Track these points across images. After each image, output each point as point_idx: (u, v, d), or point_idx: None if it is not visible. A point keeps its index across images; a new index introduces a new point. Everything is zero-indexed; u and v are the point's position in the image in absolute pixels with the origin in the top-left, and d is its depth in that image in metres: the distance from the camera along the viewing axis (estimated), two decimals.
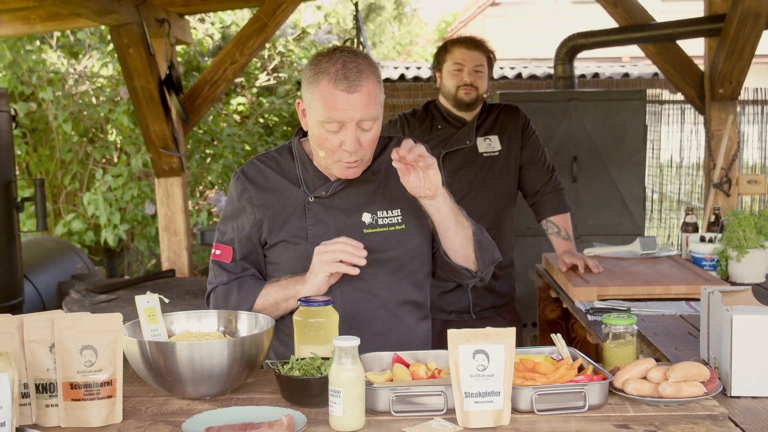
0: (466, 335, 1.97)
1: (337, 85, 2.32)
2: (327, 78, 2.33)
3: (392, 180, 2.54)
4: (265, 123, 9.42)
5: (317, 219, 2.49)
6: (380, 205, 2.54)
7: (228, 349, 2.11)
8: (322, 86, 2.34)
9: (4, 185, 4.35)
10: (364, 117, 2.35)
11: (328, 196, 2.50)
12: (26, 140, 8.63)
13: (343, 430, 1.94)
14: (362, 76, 2.34)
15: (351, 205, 2.52)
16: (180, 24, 6.49)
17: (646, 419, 1.96)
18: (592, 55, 11.90)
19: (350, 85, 2.32)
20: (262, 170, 2.55)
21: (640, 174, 6.35)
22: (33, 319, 2.05)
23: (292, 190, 2.52)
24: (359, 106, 2.33)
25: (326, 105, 2.33)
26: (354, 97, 2.32)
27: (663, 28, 6.03)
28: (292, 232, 2.50)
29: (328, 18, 11.06)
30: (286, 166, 2.56)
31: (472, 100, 3.97)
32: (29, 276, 5.11)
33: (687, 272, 3.84)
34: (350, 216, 2.51)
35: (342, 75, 2.32)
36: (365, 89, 2.34)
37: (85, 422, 2.02)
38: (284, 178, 2.53)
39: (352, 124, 2.34)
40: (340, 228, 2.48)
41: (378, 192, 2.55)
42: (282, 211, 2.51)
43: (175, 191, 6.18)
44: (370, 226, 2.52)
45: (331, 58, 2.37)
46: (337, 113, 2.33)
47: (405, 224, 2.55)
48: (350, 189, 2.52)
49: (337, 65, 2.34)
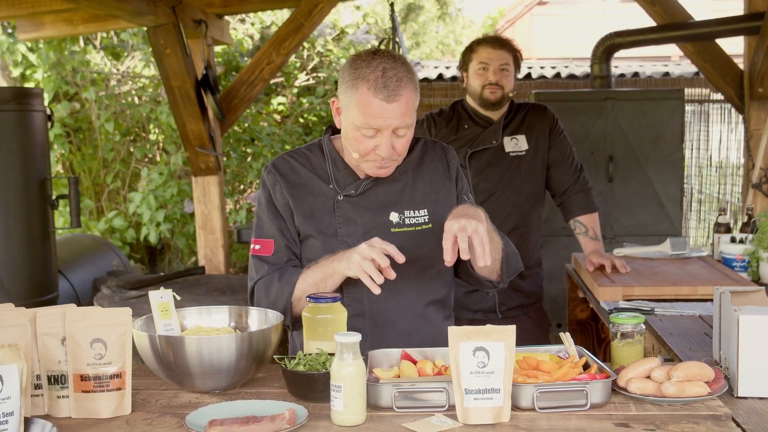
0: (466, 332, 1.99)
1: (376, 93, 2.33)
2: (366, 85, 2.34)
3: (419, 181, 2.57)
4: (304, 123, 9.49)
5: (346, 217, 2.53)
6: (408, 205, 2.56)
7: (236, 344, 2.15)
8: (361, 92, 2.35)
9: (39, 183, 4.45)
10: (400, 125, 2.37)
11: (357, 194, 2.53)
12: (70, 139, 8.80)
13: (344, 424, 1.96)
14: (401, 85, 2.35)
15: (379, 203, 2.54)
16: (218, 25, 6.56)
17: (647, 418, 1.96)
18: (640, 54, 11.80)
19: (389, 94, 2.33)
20: (292, 165, 2.58)
21: (677, 174, 6.28)
22: (46, 312, 2.11)
23: (322, 187, 2.54)
24: (397, 114, 2.35)
25: (364, 112, 2.35)
26: (392, 107, 2.34)
27: (701, 27, 5.95)
28: (322, 229, 2.53)
29: (367, 18, 11.10)
30: (317, 162, 2.58)
31: (498, 99, 3.96)
32: (65, 272, 5.22)
33: (716, 273, 3.79)
34: (378, 215, 2.54)
35: (382, 84, 2.33)
36: (403, 98, 2.35)
37: (94, 413, 2.07)
38: (314, 175, 2.56)
39: (388, 131, 2.37)
40: (369, 227, 2.52)
41: (405, 191, 2.57)
42: (312, 207, 2.54)
43: (212, 189, 6.26)
44: (398, 225, 2.54)
45: (371, 63, 2.37)
46: (375, 120, 2.35)
47: (432, 224, 2.56)
48: (379, 188, 2.55)
49: (377, 72, 2.34)
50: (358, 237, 2.50)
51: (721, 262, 4.03)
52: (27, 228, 4.36)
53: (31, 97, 4.42)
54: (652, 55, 13.10)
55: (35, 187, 4.41)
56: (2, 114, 4.25)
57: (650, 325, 3.00)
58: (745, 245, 3.92)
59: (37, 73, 8.48)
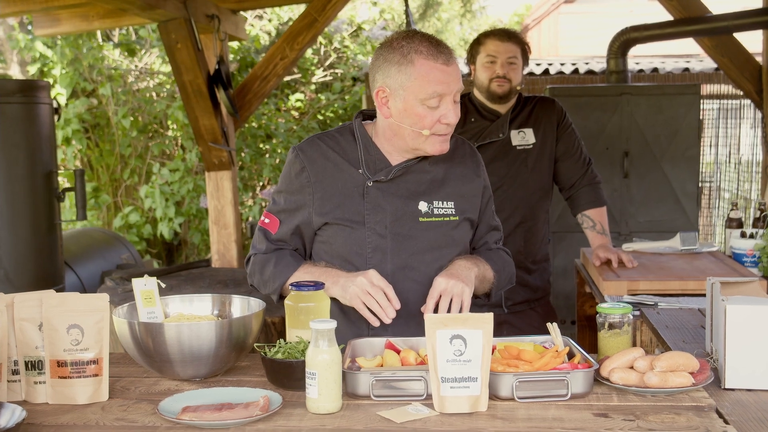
0: (443, 320, 1.95)
1: (436, 60, 2.39)
2: (422, 56, 2.39)
3: (450, 174, 2.59)
4: (322, 119, 9.48)
5: (375, 204, 2.50)
6: (437, 195, 2.56)
7: (215, 331, 2.13)
8: (419, 64, 2.38)
9: (45, 175, 4.46)
10: (460, 88, 2.43)
11: (387, 180, 2.51)
12: (88, 135, 8.85)
13: (319, 412, 1.93)
14: (449, 50, 2.44)
15: (409, 192, 2.53)
16: (232, 20, 6.55)
17: (627, 409, 1.91)
18: (663, 52, 11.67)
19: (447, 58, 2.41)
20: (322, 149, 2.55)
21: (693, 170, 6.20)
22: (23, 298, 2.10)
23: (351, 171, 2.52)
24: (457, 77, 2.42)
25: (428, 80, 2.38)
26: (452, 69, 2.41)
27: (719, 21, 5.86)
28: (348, 216, 2.50)
29: (383, 14, 11.07)
30: (347, 146, 2.56)
31: (505, 93, 3.92)
32: (73, 265, 5.23)
33: (725, 268, 3.73)
34: (407, 203, 2.52)
35: (436, 51, 2.40)
36: (455, 62, 2.44)
37: (71, 399, 2.06)
38: (344, 159, 2.53)
39: (450, 96, 2.41)
40: (398, 214, 2.50)
41: (435, 183, 2.57)
42: (340, 192, 2.51)
43: (225, 185, 6.24)
44: (426, 215, 2.53)
45: (413, 39, 2.43)
46: (439, 86, 2.38)
47: (458, 216, 2.57)
48: (409, 176, 2.54)
49: (425, 43, 2.41)
50: (386, 224, 2.49)
51: (732, 258, 3.97)
52: (33, 220, 4.37)
53: (37, 89, 4.43)
54: (675, 53, 12.95)
55: (41, 179, 4.42)
56: (8, 106, 4.26)
57: (647, 317, 2.95)
58: (756, 240, 3.85)
59: (55, 69, 8.53)
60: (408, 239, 2.51)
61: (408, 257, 2.51)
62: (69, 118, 8.36)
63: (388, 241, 2.50)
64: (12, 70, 9.26)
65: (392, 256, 2.50)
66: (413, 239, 2.52)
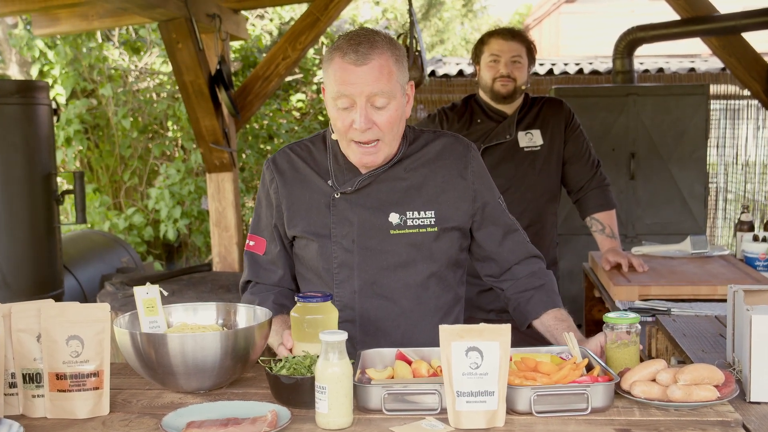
0: (458, 331, 1.87)
1: (345, 58, 2.23)
2: (339, 53, 2.25)
3: (431, 179, 2.41)
4: (324, 120, 9.41)
5: (341, 216, 2.39)
6: (412, 205, 2.39)
7: (220, 342, 2.05)
8: (334, 62, 2.26)
9: (44, 177, 4.38)
10: (374, 91, 2.23)
11: (354, 191, 2.38)
12: (88, 136, 8.76)
13: (329, 427, 1.86)
14: (374, 49, 2.24)
15: (379, 202, 2.39)
16: (234, 20, 6.47)
17: (650, 424, 1.84)
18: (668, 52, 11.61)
19: (359, 57, 2.22)
20: (292, 160, 2.46)
21: (701, 171, 6.13)
22: (21, 308, 2.02)
23: (320, 183, 2.41)
24: (369, 80, 2.22)
25: (336, 79, 2.25)
26: (363, 70, 2.22)
27: (726, 20, 5.79)
28: (314, 229, 2.40)
29: (386, 13, 10.99)
30: (318, 156, 2.45)
31: (509, 92, 3.85)
32: (72, 269, 5.15)
33: (737, 272, 3.67)
34: (376, 215, 2.38)
35: (352, 49, 2.23)
36: (376, 63, 2.23)
37: (71, 413, 1.98)
38: (313, 171, 2.43)
39: (361, 99, 2.23)
40: (365, 227, 2.37)
41: (411, 190, 2.40)
42: (306, 204, 2.41)
43: (226, 186, 6.17)
44: (398, 227, 2.38)
45: (348, 35, 2.30)
46: (346, 87, 2.23)
47: (437, 227, 2.40)
48: (379, 185, 2.39)
49: (348, 41, 2.26)
50: (354, 238, 2.37)
51: (744, 261, 3.90)
52: (31, 223, 4.29)
53: (35, 90, 4.36)
54: (680, 53, 12.90)
55: (40, 181, 4.34)
56: (6, 107, 4.19)
57: (663, 325, 2.87)
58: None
59: (55, 69, 8.45)
60: (377, 254, 2.37)
61: (376, 272, 2.38)
62: (70, 119, 8.29)
63: (354, 256, 2.38)
64: (11, 70, 9.17)
65: (359, 271, 2.38)
66: (383, 254, 2.37)
